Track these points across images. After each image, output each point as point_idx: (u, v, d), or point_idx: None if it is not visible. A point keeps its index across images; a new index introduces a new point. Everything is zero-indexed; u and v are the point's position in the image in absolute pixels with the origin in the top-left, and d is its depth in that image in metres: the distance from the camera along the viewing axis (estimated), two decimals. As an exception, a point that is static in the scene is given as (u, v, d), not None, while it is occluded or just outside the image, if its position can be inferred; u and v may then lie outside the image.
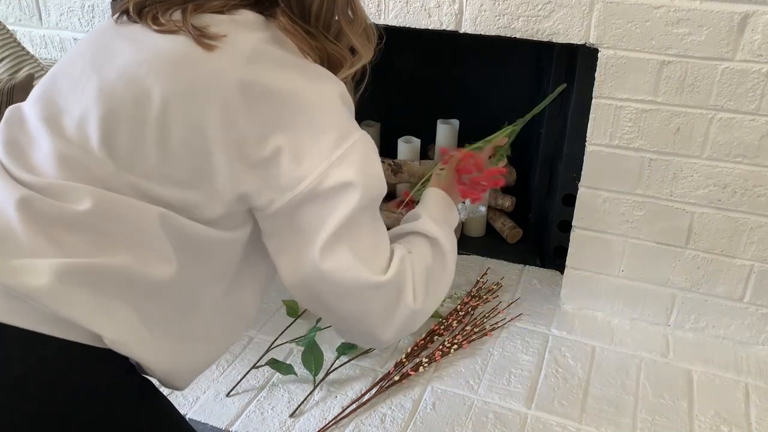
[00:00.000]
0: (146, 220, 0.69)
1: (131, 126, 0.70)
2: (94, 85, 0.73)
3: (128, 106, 0.71)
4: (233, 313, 0.80)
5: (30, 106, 0.77)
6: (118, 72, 0.73)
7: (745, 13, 1.11)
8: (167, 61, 0.71)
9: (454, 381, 1.25)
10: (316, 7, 0.75)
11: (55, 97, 0.75)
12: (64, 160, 0.70)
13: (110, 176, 0.69)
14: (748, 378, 1.28)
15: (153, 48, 0.72)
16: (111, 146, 0.70)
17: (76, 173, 0.70)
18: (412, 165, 1.72)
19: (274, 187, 0.70)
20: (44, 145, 0.72)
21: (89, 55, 0.78)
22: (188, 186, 0.70)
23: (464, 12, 1.27)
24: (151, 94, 0.70)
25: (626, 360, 1.31)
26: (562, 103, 1.49)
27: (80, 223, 0.67)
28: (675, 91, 1.20)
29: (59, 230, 0.67)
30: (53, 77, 0.79)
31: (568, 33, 1.23)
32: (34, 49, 1.75)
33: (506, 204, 1.74)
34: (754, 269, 1.29)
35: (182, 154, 0.70)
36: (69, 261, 0.65)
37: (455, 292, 1.49)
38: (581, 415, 1.18)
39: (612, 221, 1.34)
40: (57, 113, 0.74)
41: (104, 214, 0.68)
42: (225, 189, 0.70)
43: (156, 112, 0.69)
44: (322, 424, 1.15)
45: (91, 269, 0.66)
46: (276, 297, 1.46)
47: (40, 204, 0.67)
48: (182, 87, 0.70)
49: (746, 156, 1.21)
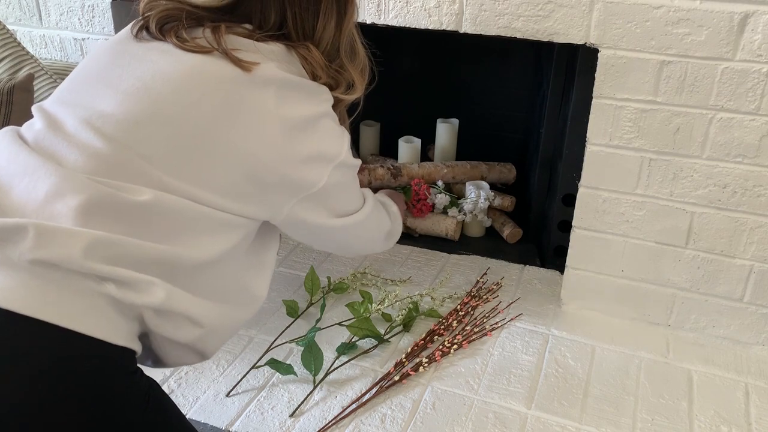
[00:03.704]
0: (188, 216, 0.78)
1: (176, 134, 0.79)
2: (139, 93, 0.80)
3: (176, 117, 0.79)
4: (252, 282, 0.91)
5: (62, 108, 0.82)
6: (164, 82, 0.80)
7: (745, 13, 1.12)
8: (213, 77, 0.80)
9: (454, 381, 1.25)
10: (324, 42, 0.92)
11: (93, 101, 0.81)
12: (115, 162, 0.77)
13: (158, 179, 0.77)
14: (748, 378, 1.28)
15: (195, 64, 0.81)
16: (160, 153, 0.78)
17: (127, 173, 0.77)
18: (411, 168, 1.72)
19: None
20: (88, 147, 0.78)
21: (123, 62, 0.83)
22: (229, 196, 0.81)
23: (464, 12, 1.27)
24: (200, 108, 0.79)
25: (626, 360, 1.32)
26: (562, 103, 1.49)
27: (134, 212, 0.75)
28: (675, 91, 1.20)
29: (111, 215, 0.75)
30: (85, 82, 0.84)
31: (568, 33, 1.23)
32: (34, 49, 1.75)
33: (506, 204, 1.74)
34: (754, 269, 1.29)
35: (223, 166, 0.80)
36: (113, 236, 0.73)
37: (455, 292, 1.49)
38: (581, 415, 1.18)
39: (612, 221, 1.34)
40: (99, 116, 0.79)
41: (157, 208, 0.76)
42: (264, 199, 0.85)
43: (205, 125, 0.79)
44: (322, 424, 1.15)
45: (134, 246, 0.74)
46: (276, 297, 1.46)
47: (101, 188, 0.75)
48: (228, 103, 0.80)
49: (746, 156, 1.21)
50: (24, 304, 0.68)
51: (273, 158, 0.82)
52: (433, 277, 1.57)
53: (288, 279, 1.54)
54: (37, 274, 0.69)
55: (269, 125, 0.81)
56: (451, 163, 1.75)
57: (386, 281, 1.54)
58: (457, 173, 1.74)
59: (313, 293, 1.45)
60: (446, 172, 1.73)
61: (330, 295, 1.48)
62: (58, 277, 0.70)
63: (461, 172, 1.75)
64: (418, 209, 1.67)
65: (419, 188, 1.67)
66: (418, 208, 1.67)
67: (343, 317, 1.39)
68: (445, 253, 1.66)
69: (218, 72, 0.80)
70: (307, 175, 0.86)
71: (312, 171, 0.87)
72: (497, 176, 1.80)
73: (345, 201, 0.97)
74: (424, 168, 1.72)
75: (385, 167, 1.70)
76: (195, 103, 0.79)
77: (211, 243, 0.81)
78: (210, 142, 0.79)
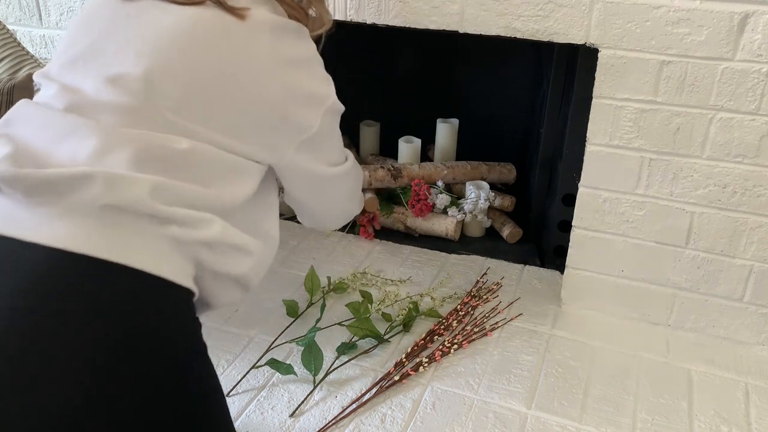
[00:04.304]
0: (218, 161, 0.85)
1: (192, 85, 0.83)
2: (148, 50, 0.83)
3: (188, 69, 0.83)
4: (267, 222, 0.97)
5: (73, 73, 0.85)
6: (170, 37, 0.84)
7: (745, 13, 1.12)
8: (213, 28, 0.85)
9: (454, 381, 1.25)
10: None
11: (106, 63, 0.84)
12: (147, 116, 0.81)
13: (186, 128, 0.83)
14: (748, 378, 1.28)
15: (193, 16, 0.85)
16: (183, 104, 0.83)
17: (159, 125, 0.82)
18: (411, 169, 1.72)
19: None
20: (116, 105, 0.81)
21: (122, 24, 0.86)
22: (245, 141, 0.88)
23: (464, 12, 1.27)
24: (207, 58, 0.84)
25: (626, 360, 1.32)
26: (562, 103, 1.49)
27: (178, 159, 0.81)
28: (675, 91, 1.20)
29: (160, 163, 0.80)
30: (90, 47, 0.86)
31: (568, 33, 1.23)
32: (34, 49, 1.75)
33: (506, 204, 1.74)
34: (754, 269, 1.29)
35: (237, 112, 0.86)
36: (169, 180, 0.78)
37: (455, 292, 1.49)
38: (581, 415, 1.18)
39: (612, 221, 1.34)
40: (117, 76, 0.82)
41: (194, 154, 0.82)
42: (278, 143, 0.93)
43: (217, 74, 0.84)
44: (322, 424, 1.15)
45: (186, 189, 0.80)
46: (276, 297, 1.46)
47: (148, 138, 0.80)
48: (231, 51, 0.85)
49: (746, 156, 1.21)
50: (98, 248, 0.71)
51: (277, 97, 0.89)
52: (433, 277, 1.57)
53: (288, 279, 1.54)
54: (107, 219, 0.73)
55: (270, 67, 0.88)
56: (451, 164, 1.75)
57: (386, 281, 1.54)
58: (458, 174, 1.74)
59: (313, 293, 1.45)
60: (446, 173, 1.73)
61: (330, 295, 1.48)
62: (127, 220, 0.74)
63: (461, 173, 1.75)
64: (418, 209, 1.67)
65: (419, 188, 1.67)
66: (419, 208, 1.67)
67: (343, 317, 1.39)
68: (445, 253, 1.66)
69: (216, 22, 0.85)
70: (304, 116, 0.93)
71: (307, 112, 0.93)
72: (497, 177, 1.80)
73: (334, 149, 1.05)
74: (425, 169, 1.72)
75: (386, 168, 1.70)
76: (202, 54, 0.84)
77: (238, 187, 0.88)
78: (222, 90, 0.84)
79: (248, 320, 1.39)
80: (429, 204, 1.68)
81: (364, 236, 1.71)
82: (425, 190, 1.67)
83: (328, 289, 1.49)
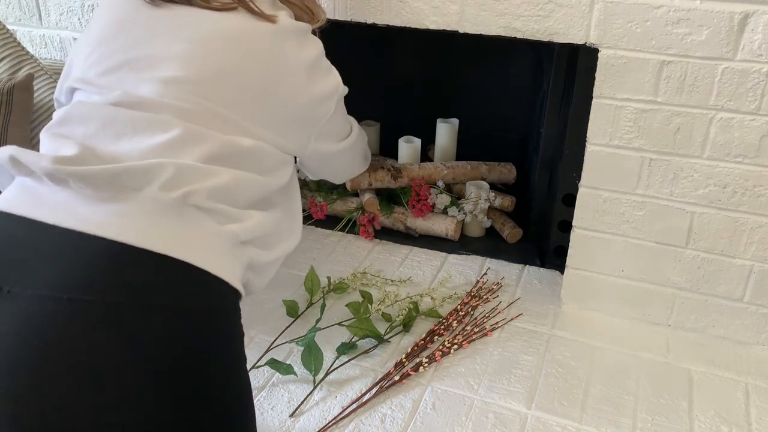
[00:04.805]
0: (270, 156, 0.94)
1: (239, 86, 0.89)
2: (194, 55, 0.87)
3: (233, 72, 0.89)
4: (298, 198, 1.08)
5: (120, 80, 0.87)
6: (212, 42, 0.88)
7: (745, 13, 1.12)
8: (248, 32, 0.90)
9: (454, 381, 1.25)
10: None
11: (154, 70, 0.86)
12: (209, 116, 0.87)
13: (242, 126, 0.89)
14: (748, 378, 1.28)
15: (232, 22, 0.90)
16: (236, 105, 0.89)
17: (219, 124, 0.87)
18: (411, 169, 1.72)
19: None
20: (177, 107, 0.85)
21: (161, 30, 0.89)
22: (283, 136, 0.97)
23: (464, 12, 1.27)
24: (247, 62, 0.90)
25: (626, 360, 1.31)
26: (562, 103, 1.49)
27: (244, 156, 0.89)
28: (675, 91, 1.20)
29: (230, 160, 0.87)
30: (127, 54, 0.88)
31: (568, 33, 1.23)
32: (34, 49, 1.75)
33: (506, 204, 1.74)
34: (754, 269, 1.29)
35: (276, 110, 0.94)
36: (237, 173, 0.85)
37: (455, 292, 1.49)
38: (581, 415, 1.18)
39: (612, 221, 1.34)
40: (170, 81, 0.85)
41: (257, 150, 0.91)
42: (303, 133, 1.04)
43: (258, 78, 0.91)
44: (322, 424, 1.15)
45: (252, 180, 0.89)
46: (276, 297, 1.46)
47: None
48: (269, 55, 0.92)
49: (746, 156, 1.21)
50: (159, 242, 0.72)
51: (303, 99, 0.98)
52: (432, 277, 1.57)
53: (288, 279, 1.54)
54: (170, 213, 0.75)
55: (298, 72, 0.96)
56: (451, 164, 1.75)
57: (386, 281, 1.54)
58: (458, 174, 1.74)
59: (313, 293, 1.45)
60: (446, 173, 1.73)
61: (330, 295, 1.48)
62: (189, 215, 0.77)
63: (462, 173, 1.75)
64: (418, 209, 1.67)
65: (419, 188, 1.67)
66: (419, 209, 1.67)
67: (343, 317, 1.39)
68: (445, 253, 1.66)
69: (250, 27, 0.90)
70: (322, 110, 1.03)
71: (325, 106, 1.03)
72: (497, 177, 1.80)
73: (343, 125, 1.16)
74: (425, 169, 1.72)
75: (386, 168, 1.70)
76: (242, 58, 0.89)
77: (283, 178, 0.97)
78: (263, 91, 0.92)
79: (248, 320, 1.38)
80: (429, 204, 1.68)
81: (364, 236, 1.71)
82: (425, 190, 1.67)
83: (328, 289, 1.49)
